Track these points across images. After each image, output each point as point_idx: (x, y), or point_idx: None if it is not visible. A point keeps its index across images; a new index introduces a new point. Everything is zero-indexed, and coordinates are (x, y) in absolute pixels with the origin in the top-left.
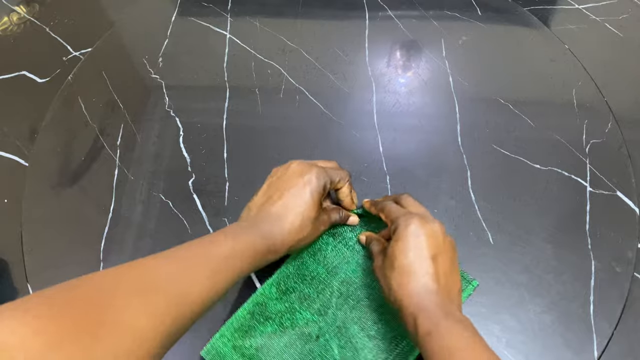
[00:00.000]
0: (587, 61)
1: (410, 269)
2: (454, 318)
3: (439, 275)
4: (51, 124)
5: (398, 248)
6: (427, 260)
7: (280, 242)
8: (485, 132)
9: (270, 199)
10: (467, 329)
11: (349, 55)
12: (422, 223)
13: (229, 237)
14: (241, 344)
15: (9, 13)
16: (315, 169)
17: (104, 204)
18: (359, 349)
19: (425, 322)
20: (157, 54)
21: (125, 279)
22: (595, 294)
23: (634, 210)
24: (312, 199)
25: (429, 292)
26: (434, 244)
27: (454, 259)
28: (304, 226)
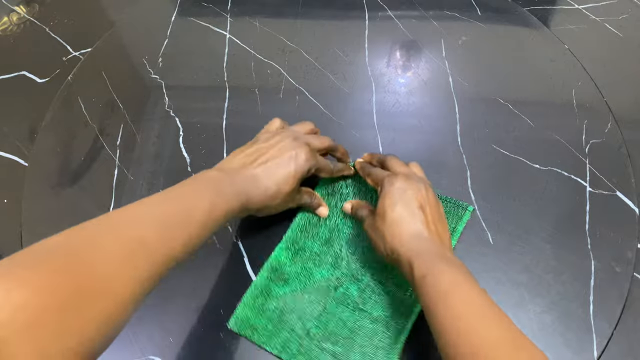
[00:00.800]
0: (587, 61)
1: (401, 220)
2: (447, 261)
3: (429, 223)
4: (51, 124)
5: (386, 203)
6: (415, 210)
7: (253, 201)
8: (485, 132)
9: (255, 162)
10: (460, 271)
11: (348, 56)
12: (406, 179)
13: (206, 194)
14: (265, 307)
15: (9, 13)
16: (305, 150)
17: (104, 204)
18: (378, 292)
19: (420, 266)
20: (157, 54)
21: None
22: (595, 294)
23: (633, 210)
24: (292, 176)
25: (422, 239)
26: (420, 197)
27: (441, 211)
28: (275, 196)
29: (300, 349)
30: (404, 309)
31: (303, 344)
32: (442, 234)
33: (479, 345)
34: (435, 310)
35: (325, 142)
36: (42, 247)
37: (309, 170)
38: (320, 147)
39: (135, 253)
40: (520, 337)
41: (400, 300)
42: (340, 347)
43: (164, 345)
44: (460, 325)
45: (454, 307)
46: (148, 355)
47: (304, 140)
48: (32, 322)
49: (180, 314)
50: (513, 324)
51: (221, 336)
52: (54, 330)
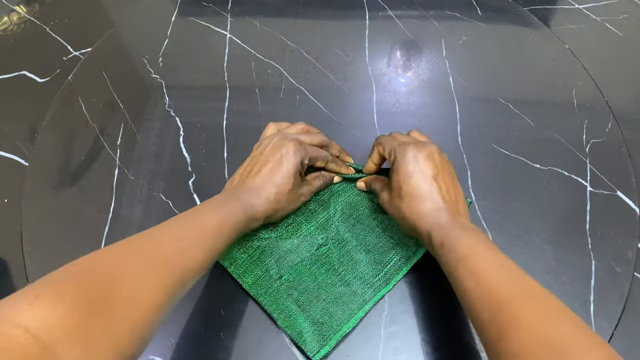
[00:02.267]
0: (587, 61)
1: (417, 193)
2: (463, 227)
3: (443, 192)
4: (51, 124)
5: (401, 177)
6: (430, 181)
7: (260, 212)
8: (485, 131)
9: (251, 172)
10: (477, 236)
11: (349, 55)
12: (417, 149)
13: (215, 211)
14: (248, 245)
15: (9, 13)
16: (292, 144)
17: (104, 204)
18: (356, 261)
19: (438, 235)
20: (157, 53)
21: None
22: (595, 293)
23: (634, 210)
24: (287, 174)
25: (439, 210)
26: (432, 165)
27: (453, 173)
28: (278, 199)
29: (268, 289)
30: (372, 287)
31: (272, 286)
32: (458, 199)
33: (505, 295)
34: (456, 273)
35: (316, 137)
36: (75, 266)
37: (301, 162)
38: (309, 142)
39: (158, 266)
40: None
41: (372, 278)
42: (305, 297)
43: (165, 345)
44: (482, 282)
45: (474, 267)
46: (148, 355)
47: (292, 137)
48: (78, 326)
49: (180, 315)
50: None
51: (221, 336)
52: (97, 332)
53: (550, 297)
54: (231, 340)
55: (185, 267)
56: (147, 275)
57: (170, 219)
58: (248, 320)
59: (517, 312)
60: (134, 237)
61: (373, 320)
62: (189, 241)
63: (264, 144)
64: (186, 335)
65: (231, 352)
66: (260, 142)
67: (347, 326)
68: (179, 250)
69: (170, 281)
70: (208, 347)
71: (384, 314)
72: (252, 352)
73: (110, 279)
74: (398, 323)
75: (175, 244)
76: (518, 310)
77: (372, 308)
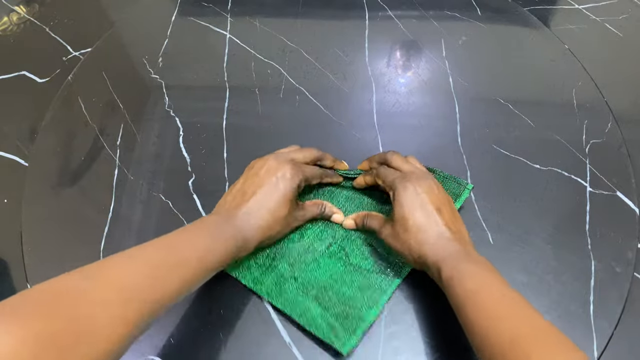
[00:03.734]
0: (587, 61)
1: (423, 226)
2: (471, 260)
3: (448, 223)
4: (51, 124)
5: (405, 210)
6: (434, 213)
7: (250, 238)
8: (485, 132)
9: (245, 196)
10: (485, 269)
11: (348, 55)
12: (418, 182)
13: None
14: (258, 254)
15: (9, 13)
16: (289, 167)
17: (104, 204)
18: (367, 254)
19: (447, 268)
20: (157, 53)
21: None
22: (595, 294)
23: (633, 210)
24: (283, 198)
25: (446, 240)
26: (434, 198)
27: (452, 204)
28: (272, 225)
29: (285, 293)
30: (388, 277)
31: (289, 289)
32: (462, 230)
33: (511, 334)
34: (465, 309)
35: (310, 154)
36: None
37: (298, 185)
38: (304, 160)
39: (126, 299)
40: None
41: (385, 268)
42: (323, 294)
43: (164, 345)
44: (489, 321)
45: (482, 303)
46: (148, 355)
47: (286, 157)
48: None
49: (180, 315)
50: (540, 315)
51: (221, 336)
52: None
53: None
54: (231, 340)
55: (157, 302)
56: (114, 311)
57: (156, 239)
58: (248, 320)
59: (529, 351)
60: (107, 262)
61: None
62: (168, 270)
63: (257, 166)
64: (186, 335)
65: (231, 352)
66: (252, 164)
67: (371, 314)
68: (152, 285)
69: (138, 316)
70: (208, 347)
71: (383, 313)
72: (252, 352)
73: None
74: (398, 323)
75: (150, 278)
76: (530, 349)
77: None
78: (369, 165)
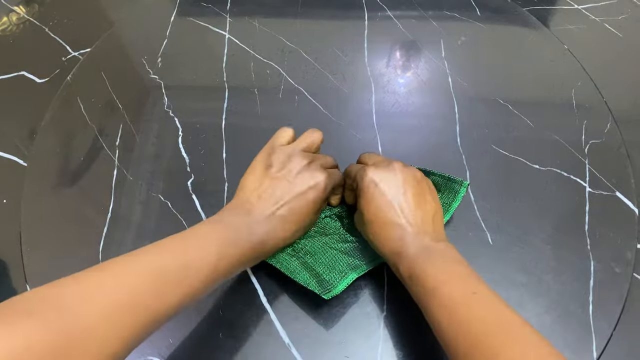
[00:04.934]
0: (586, 61)
1: (377, 219)
2: (430, 252)
3: (406, 215)
4: (50, 124)
5: (362, 203)
6: (389, 205)
7: (270, 247)
8: (485, 132)
9: (272, 199)
10: (445, 261)
11: (348, 56)
12: (375, 172)
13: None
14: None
15: (8, 13)
16: (323, 178)
17: (103, 204)
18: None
19: (404, 266)
20: (156, 54)
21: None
22: (594, 294)
23: (633, 211)
24: (314, 209)
25: (402, 234)
26: (392, 186)
27: (419, 189)
28: (294, 237)
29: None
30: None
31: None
32: (425, 218)
33: (481, 329)
34: (427, 306)
35: (332, 161)
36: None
37: (328, 197)
38: (329, 166)
39: (124, 310)
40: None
41: None
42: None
43: (163, 345)
44: (453, 316)
45: (444, 300)
46: (147, 356)
47: (319, 164)
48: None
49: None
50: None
51: (221, 336)
52: None
53: (527, 328)
54: (230, 340)
55: (158, 311)
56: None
57: (163, 239)
58: (247, 320)
59: (495, 349)
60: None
61: (372, 321)
62: (171, 283)
63: (290, 166)
64: (185, 335)
65: (230, 352)
66: (279, 152)
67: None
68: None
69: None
70: (207, 347)
71: (383, 314)
72: (252, 352)
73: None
74: (397, 323)
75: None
76: (495, 347)
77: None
78: None
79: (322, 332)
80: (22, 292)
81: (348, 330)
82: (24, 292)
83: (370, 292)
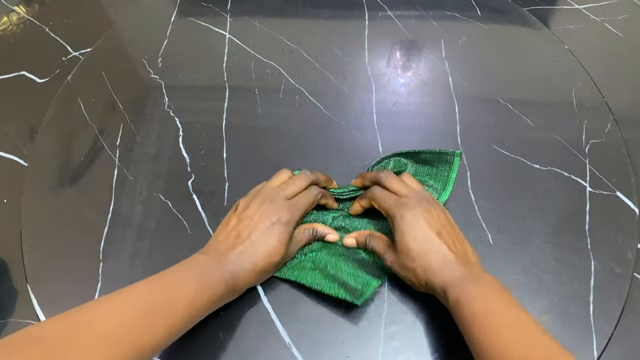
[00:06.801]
0: (587, 61)
1: (426, 252)
2: (479, 281)
3: (451, 246)
4: (50, 124)
5: (408, 239)
6: (435, 238)
7: (242, 281)
8: (485, 132)
9: (239, 238)
10: (493, 291)
11: (348, 56)
12: (416, 207)
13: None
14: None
15: (9, 13)
16: (285, 211)
17: (104, 205)
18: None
19: (453, 291)
20: (156, 54)
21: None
22: (594, 294)
23: (633, 211)
24: (279, 243)
25: (451, 263)
26: (434, 221)
27: (453, 224)
28: (265, 270)
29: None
30: None
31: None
32: (466, 249)
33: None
34: (471, 332)
35: (304, 182)
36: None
37: (295, 226)
38: (298, 191)
39: (115, 345)
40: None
41: None
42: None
43: None
44: (495, 342)
45: (488, 326)
46: None
47: (280, 197)
48: None
49: None
50: (551, 339)
51: (221, 336)
52: None
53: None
54: (230, 341)
55: (146, 345)
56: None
57: (142, 282)
58: (248, 321)
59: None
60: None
61: (373, 321)
62: (156, 319)
63: (252, 208)
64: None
65: (230, 352)
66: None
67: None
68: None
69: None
70: (208, 347)
71: (383, 314)
72: (252, 352)
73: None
74: (398, 323)
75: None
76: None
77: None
78: (362, 183)
79: (323, 332)
80: (23, 292)
81: (349, 330)
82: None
83: None
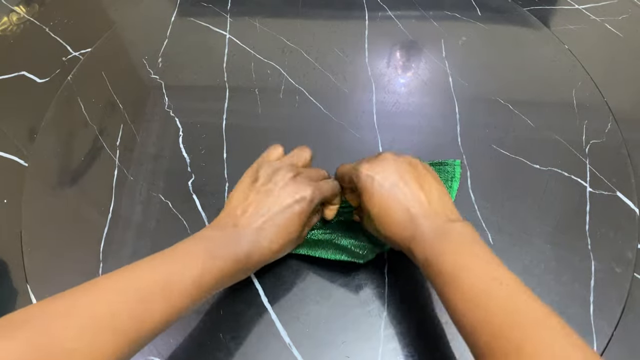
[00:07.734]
0: (587, 61)
1: (383, 210)
2: (445, 234)
3: (411, 198)
4: (51, 124)
5: (364, 201)
6: (392, 192)
7: (256, 259)
8: (485, 132)
9: (258, 213)
10: (463, 244)
11: (348, 56)
12: (369, 167)
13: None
14: None
15: (9, 13)
16: (310, 190)
17: (104, 205)
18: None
19: (418, 252)
20: (156, 54)
21: (77, 313)
22: (595, 294)
23: (633, 211)
24: (299, 221)
25: (412, 218)
26: (389, 176)
27: (417, 173)
28: (281, 250)
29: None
30: None
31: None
32: (431, 199)
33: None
34: (444, 293)
35: (322, 172)
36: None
37: (315, 209)
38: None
39: (104, 331)
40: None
41: None
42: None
43: (164, 345)
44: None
45: (464, 288)
46: (147, 356)
47: (305, 176)
48: None
49: None
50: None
51: (221, 336)
52: None
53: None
54: (231, 340)
55: (139, 331)
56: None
57: (146, 258)
58: (248, 320)
59: (519, 342)
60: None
61: (372, 322)
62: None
63: (276, 179)
64: (185, 335)
65: (231, 352)
66: (266, 167)
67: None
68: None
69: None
70: (207, 347)
71: (383, 314)
72: (252, 352)
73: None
74: (398, 324)
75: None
76: (519, 340)
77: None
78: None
79: (323, 332)
80: (23, 292)
81: (349, 331)
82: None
83: (371, 292)
